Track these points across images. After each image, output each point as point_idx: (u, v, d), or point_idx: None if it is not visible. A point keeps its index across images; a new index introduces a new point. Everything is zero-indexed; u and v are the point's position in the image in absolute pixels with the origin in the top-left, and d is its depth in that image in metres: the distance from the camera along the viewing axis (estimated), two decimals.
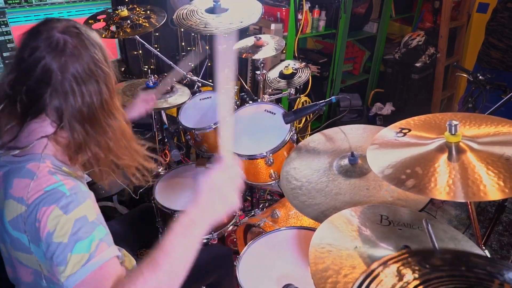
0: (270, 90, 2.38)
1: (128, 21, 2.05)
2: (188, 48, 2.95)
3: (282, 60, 2.73)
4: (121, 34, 1.99)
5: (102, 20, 2.07)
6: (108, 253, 0.89)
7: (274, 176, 1.80)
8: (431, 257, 0.65)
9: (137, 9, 2.18)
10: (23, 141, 0.97)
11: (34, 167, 0.93)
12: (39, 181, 0.91)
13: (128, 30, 1.98)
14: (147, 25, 2.06)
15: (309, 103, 3.02)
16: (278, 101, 2.45)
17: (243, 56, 2.23)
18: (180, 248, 0.87)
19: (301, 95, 3.09)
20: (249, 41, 2.30)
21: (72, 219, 0.87)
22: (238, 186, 0.92)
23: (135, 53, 2.77)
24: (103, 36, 1.93)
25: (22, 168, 0.93)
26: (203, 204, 0.90)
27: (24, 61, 0.94)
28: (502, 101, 1.83)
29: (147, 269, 0.84)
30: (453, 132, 1.01)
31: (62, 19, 1.00)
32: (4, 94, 0.97)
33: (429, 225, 0.97)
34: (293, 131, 1.81)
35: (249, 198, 2.59)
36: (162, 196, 1.84)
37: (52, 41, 0.93)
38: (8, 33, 2.06)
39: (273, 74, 2.27)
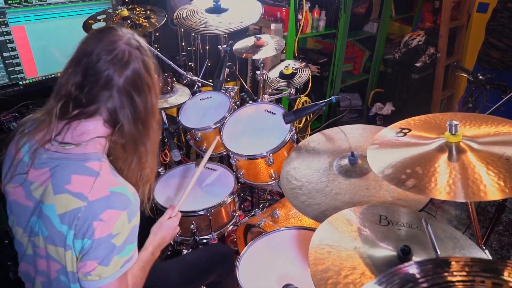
0: (270, 90, 2.38)
1: (128, 21, 2.05)
2: (188, 48, 2.95)
3: (282, 60, 2.73)
4: None
5: (102, 20, 2.07)
6: (136, 254, 1.06)
7: (274, 176, 1.80)
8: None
9: (137, 9, 2.18)
10: (75, 139, 1.01)
11: (95, 166, 0.99)
12: (102, 180, 0.97)
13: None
14: (147, 25, 2.06)
15: (309, 103, 3.02)
16: (278, 101, 2.45)
17: (243, 56, 2.23)
18: (151, 260, 1.22)
19: (301, 95, 3.09)
20: (249, 41, 2.30)
21: (130, 227, 0.99)
22: (174, 233, 1.35)
23: None
24: None
25: (81, 165, 0.99)
26: (159, 241, 1.29)
27: (91, 68, 1.00)
28: (502, 101, 1.83)
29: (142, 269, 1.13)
30: (453, 132, 1.01)
31: (124, 29, 1.09)
32: (68, 93, 1.02)
33: (429, 225, 0.97)
34: (293, 131, 1.81)
35: (249, 198, 2.59)
36: (162, 196, 1.84)
37: (118, 52, 1.00)
38: (8, 33, 2.06)
39: (273, 74, 2.27)
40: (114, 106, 1.01)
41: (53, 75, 2.27)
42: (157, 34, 2.72)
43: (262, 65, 2.30)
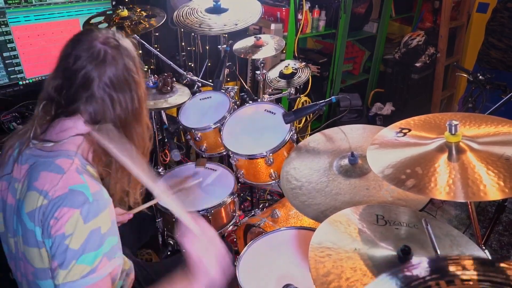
0: (270, 90, 2.38)
1: (128, 21, 2.05)
2: (188, 48, 2.95)
3: (282, 60, 2.72)
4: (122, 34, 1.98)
5: (102, 20, 2.07)
6: (107, 269, 0.95)
7: (274, 176, 1.80)
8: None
9: (137, 9, 2.18)
10: (54, 137, 1.01)
11: (64, 163, 0.96)
12: (66, 178, 0.94)
13: (128, 30, 1.98)
14: (147, 25, 2.06)
15: (309, 103, 3.02)
16: (278, 101, 2.45)
17: (242, 56, 2.23)
18: None
19: (301, 95, 3.09)
20: (249, 41, 2.30)
21: (88, 229, 0.91)
22: (216, 250, 1.03)
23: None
24: None
25: (51, 162, 0.97)
26: (199, 279, 1.00)
27: (68, 69, 1.00)
28: (502, 101, 1.83)
29: None
30: (453, 132, 1.01)
31: (103, 29, 1.08)
32: (49, 96, 1.03)
33: (429, 225, 0.97)
34: (293, 131, 1.81)
35: (249, 198, 2.59)
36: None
37: (94, 51, 0.99)
38: (8, 33, 2.06)
39: (273, 74, 2.27)
40: (93, 106, 1.00)
41: None
42: (157, 34, 2.72)
43: (262, 65, 2.30)
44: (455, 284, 0.55)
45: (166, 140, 2.46)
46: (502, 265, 0.56)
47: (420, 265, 0.59)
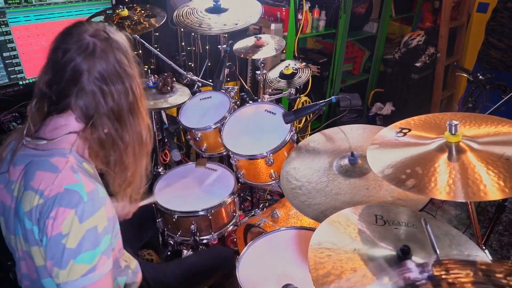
0: (270, 90, 2.38)
1: (128, 21, 2.05)
2: (188, 48, 2.95)
3: (282, 60, 2.73)
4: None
5: (102, 20, 2.07)
6: (107, 267, 0.96)
7: (274, 176, 1.80)
8: None
9: (137, 9, 2.18)
10: (47, 135, 1.00)
11: (58, 162, 0.96)
12: (62, 176, 0.93)
13: (128, 30, 1.98)
14: (147, 25, 2.06)
15: (309, 103, 3.02)
16: (278, 101, 2.45)
17: (242, 56, 2.23)
18: None
19: (301, 95, 3.09)
20: (249, 41, 2.30)
21: (84, 228, 0.91)
22: None
23: (135, 53, 2.76)
24: None
25: (46, 161, 0.96)
26: None
27: (57, 63, 0.98)
28: (502, 101, 1.83)
29: None
30: (453, 132, 1.01)
31: (93, 22, 1.05)
32: (40, 92, 1.01)
33: (428, 225, 0.97)
34: (293, 131, 1.81)
35: (249, 198, 2.59)
36: (162, 196, 1.84)
37: (83, 44, 0.97)
38: (8, 33, 2.06)
39: (273, 74, 2.27)
40: (84, 101, 0.98)
41: None
42: (157, 34, 2.72)
43: (262, 65, 2.30)
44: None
45: (166, 140, 2.46)
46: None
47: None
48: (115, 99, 1.00)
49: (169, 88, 2.07)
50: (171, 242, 1.93)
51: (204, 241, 1.80)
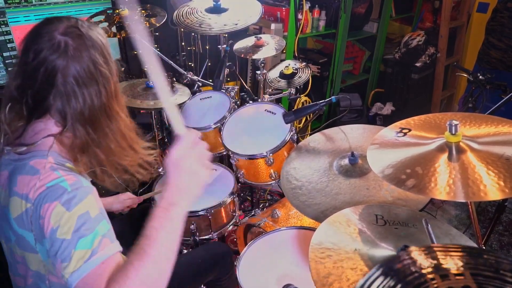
0: (270, 90, 2.38)
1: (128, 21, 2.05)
2: (188, 48, 2.95)
3: (282, 60, 2.73)
4: (122, 33, 1.99)
5: (102, 20, 2.08)
6: (111, 249, 0.90)
7: (274, 176, 1.80)
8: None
9: (137, 8, 2.18)
10: (28, 140, 0.98)
11: (37, 164, 0.94)
12: (42, 177, 0.91)
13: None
14: (147, 24, 2.06)
15: (309, 103, 3.02)
16: (278, 101, 2.45)
17: (242, 56, 2.23)
18: (163, 232, 0.89)
19: (301, 95, 3.09)
20: (249, 41, 2.30)
21: (74, 215, 0.88)
22: (202, 157, 0.92)
23: (135, 53, 2.77)
24: None
25: (26, 165, 0.95)
26: (175, 183, 0.91)
27: (28, 65, 0.94)
28: (502, 101, 1.83)
29: (136, 259, 0.85)
30: (453, 132, 1.01)
31: (63, 18, 0.99)
32: (11, 96, 0.98)
33: (429, 225, 0.97)
34: (293, 131, 1.81)
35: (249, 198, 2.59)
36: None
37: (54, 43, 0.93)
38: (8, 33, 2.06)
39: (273, 74, 2.27)
40: (61, 103, 0.95)
41: None
42: (157, 34, 2.72)
43: (262, 65, 2.30)
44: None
45: (166, 140, 2.46)
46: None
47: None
48: (86, 102, 0.97)
49: (169, 88, 2.07)
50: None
51: (204, 241, 1.80)
